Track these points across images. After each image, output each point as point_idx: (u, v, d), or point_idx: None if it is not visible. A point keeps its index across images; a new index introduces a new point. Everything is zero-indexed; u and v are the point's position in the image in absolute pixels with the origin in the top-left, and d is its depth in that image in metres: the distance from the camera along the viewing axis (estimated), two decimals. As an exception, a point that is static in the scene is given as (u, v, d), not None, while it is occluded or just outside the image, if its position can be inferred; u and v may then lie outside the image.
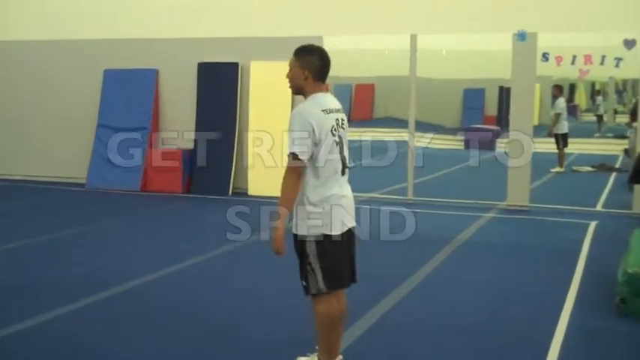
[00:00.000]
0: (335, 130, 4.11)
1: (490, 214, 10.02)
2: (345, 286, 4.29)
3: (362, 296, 4.93)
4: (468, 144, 20.73)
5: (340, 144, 4.16)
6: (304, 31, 10.50)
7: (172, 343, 4.97)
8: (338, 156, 4.14)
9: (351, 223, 4.23)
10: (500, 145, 19.03)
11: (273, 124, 11.20)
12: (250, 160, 11.43)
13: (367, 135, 20.76)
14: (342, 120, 4.21)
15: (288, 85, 4.24)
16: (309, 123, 4.00)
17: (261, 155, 11.32)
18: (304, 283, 4.17)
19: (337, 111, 4.18)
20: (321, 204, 4.07)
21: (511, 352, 4.93)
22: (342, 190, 4.18)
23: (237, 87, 11.58)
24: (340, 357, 4.32)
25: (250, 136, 11.47)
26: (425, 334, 5.25)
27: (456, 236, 8.53)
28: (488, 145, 20.08)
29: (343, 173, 4.20)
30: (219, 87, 11.64)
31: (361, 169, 11.06)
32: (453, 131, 23.04)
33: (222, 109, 11.64)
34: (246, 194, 11.38)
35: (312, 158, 4.04)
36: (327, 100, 4.16)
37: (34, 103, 12.87)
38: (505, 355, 4.88)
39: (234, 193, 11.41)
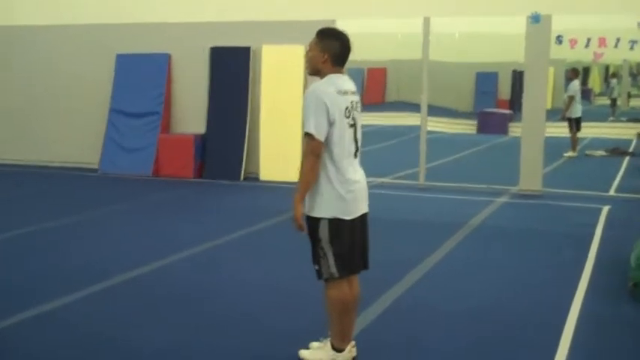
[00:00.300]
0: (349, 111, 4.10)
1: (502, 199, 9.99)
2: (357, 272, 4.29)
3: (374, 281, 4.94)
4: (480, 128, 20.70)
5: (354, 126, 4.15)
6: (317, 15, 10.46)
7: (182, 332, 4.96)
8: (352, 138, 4.13)
9: (363, 208, 4.23)
10: (513, 128, 19.00)
11: (285, 109, 11.21)
12: (262, 145, 11.42)
13: (379, 119, 20.79)
14: (357, 102, 4.19)
15: (305, 65, 4.21)
16: (323, 102, 3.99)
17: (273, 140, 11.33)
18: (317, 268, 4.18)
19: (352, 93, 4.17)
20: (335, 187, 4.06)
21: (524, 337, 4.92)
22: (356, 174, 4.17)
23: (249, 71, 11.56)
24: (353, 342, 4.33)
25: (262, 120, 11.46)
26: (437, 319, 5.25)
27: (468, 221, 8.52)
28: (502, 128, 20.04)
29: (356, 156, 4.19)
30: (232, 71, 11.62)
31: (373, 153, 11.05)
32: (465, 115, 22.97)
33: (234, 93, 11.63)
34: (257, 179, 11.39)
35: (327, 140, 4.03)
36: (343, 81, 4.14)
37: (47, 89, 12.89)
38: (518, 340, 4.88)
39: (245, 178, 11.42)
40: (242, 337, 4.86)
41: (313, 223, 4.12)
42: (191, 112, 11.99)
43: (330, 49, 4.11)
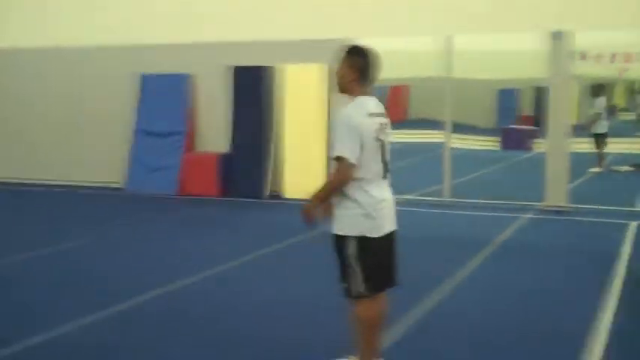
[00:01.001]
0: (378, 133, 4.10)
1: (528, 215, 9.92)
2: (384, 289, 4.27)
3: (401, 298, 4.90)
4: (504, 144, 20.61)
5: (382, 147, 4.15)
6: (338, 33, 10.49)
7: (206, 349, 4.97)
8: (380, 160, 4.14)
9: (391, 226, 4.22)
10: (538, 145, 18.89)
11: (308, 126, 11.24)
12: (286, 163, 11.45)
13: (402, 137, 20.76)
14: (385, 124, 4.20)
15: (336, 82, 4.21)
16: (355, 126, 4.00)
17: (297, 157, 11.35)
18: (345, 286, 4.17)
19: (380, 115, 4.18)
20: (362, 207, 4.06)
21: (551, 355, 4.87)
22: (383, 193, 4.17)
23: (272, 90, 11.61)
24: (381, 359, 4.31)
25: (286, 138, 11.50)
26: (464, 336, 5.21)
27: (494, 238, 8.46)
28: (526, 145, 19.94)
29: (385, 177, 4.19)
30: (254, 90, 11.67)
31: (396, 171, 11.04)
32: (488, 132, 22.89)
33: (257, 112, 11.67)
34: (281, 197, 11.41)
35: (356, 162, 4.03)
36: (372, 103, 4.16)
37: (71, 108, 13.03)
38: (545, 357, 4.82)
39: (270, 196, 11.44)
40: (267, 355, 4.85)
41: (340, 241, 4.12)
42: (215, 131, 12.05)
43: (360, 66, 4.13)
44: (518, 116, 25.05)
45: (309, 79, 11.32)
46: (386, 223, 4.17)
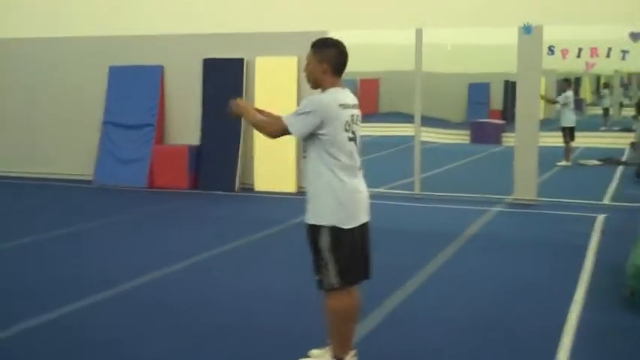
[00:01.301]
0: (349, 125, 4.11)
1: (497, 208, 10.01)
2: (358, 282, 4.28)
3: (372, 290, 4.93)
4: (474, 138, 20.75)
5: (354, 140, 4.15)
6: (309, 26, 10.49)
7: (179, 340, 4.96)
8: (352, 151, 4.14)
9: (364, 218, 4.23)
10: (507, 138, 19.06)
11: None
12: (256, 156, 11.43)
13: (373, 130, 20.80)
14: (357, 116, 4.20)
15: (307, 79, 4.21)
16: (318, 114, 4.01)
17: (267, 151, 11.32)
18: (318, 278, 4.17)
19: (353, 107, 4.18)
20: (337, 197, 4.07)
21: (522, 346, 4.93)
22: (358, 184, 4.18)
23: (242, 82, 11.57)
24: (354, 351, 4.32)
25: (256, 131, 11.45)
26: (435, 328, 5.25)
27: (464, 230, 8.53)
28: (495, 138, 20.10)
29: (359, 168, 4.20)
30: (225, 82, 11.62)
31: (367, 163, 11.07)
32: (458, 126, 23.02)
33: (228, 104, 11.60)
34: (252, 190, 11.39)
35: (330, 151, 4.04)
36: (344, 95, 4.15)
37: (40, 100, 12.88)
38: (515, 349, 4.88)
39: (240, 189, 11.42)
40: (240, 346, 4.85)
41: (314, 231, 4.13)
42: (185, 123, 11.97)
43: (329, 58, 4.12)
44: (489, 110, 25.21)
45: (279, 71, 11.30)
46: (360, 214, 4.18)
